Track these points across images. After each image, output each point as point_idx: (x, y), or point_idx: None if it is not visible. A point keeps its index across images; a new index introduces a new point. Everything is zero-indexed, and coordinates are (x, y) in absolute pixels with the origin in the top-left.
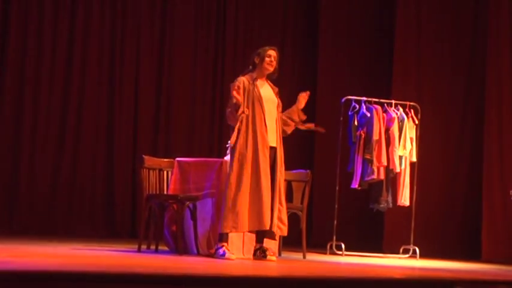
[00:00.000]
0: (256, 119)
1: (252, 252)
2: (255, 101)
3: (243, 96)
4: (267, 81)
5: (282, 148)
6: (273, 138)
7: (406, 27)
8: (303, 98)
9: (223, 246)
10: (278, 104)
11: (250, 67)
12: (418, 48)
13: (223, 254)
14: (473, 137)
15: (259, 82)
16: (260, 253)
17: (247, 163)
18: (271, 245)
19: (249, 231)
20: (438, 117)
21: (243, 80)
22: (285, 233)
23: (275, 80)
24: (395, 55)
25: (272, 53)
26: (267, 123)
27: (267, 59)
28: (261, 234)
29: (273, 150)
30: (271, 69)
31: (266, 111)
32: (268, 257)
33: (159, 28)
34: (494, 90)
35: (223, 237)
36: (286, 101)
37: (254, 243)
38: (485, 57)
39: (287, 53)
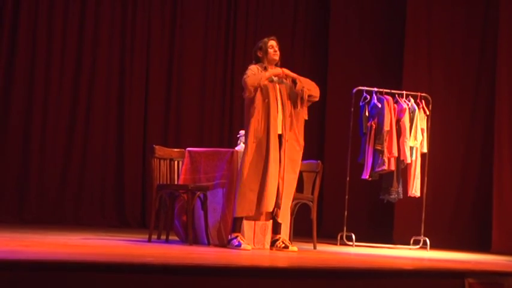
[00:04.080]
0: (270, 106)
1: (269, 242)
2: (269, 88)
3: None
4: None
5: (294, 136)
6: (280, 126)
7: (417, 17)
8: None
9: (237, 236)
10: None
11: (254, 61)
12: (429, 39)
13: (239, 245)
14: (484, 128)
15: (270, 70)
16: (281, 244)
17: (262, 149)
18: (282, 236)
19: (254, 216)
20: (449, 108)
21: (255, 68)
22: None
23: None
24: (406, 46)
25: (273, 43)
26: (278, 111)
27: (270, 50)
28: (277, 224)
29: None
30: (277, 58)
31: (278, 98)
32: (290, 247)
33: (169, 18)
34: (504, 81)
35: (236, 227)
36: None
37: (270, 234)
38: (496, 47)
39: (298, 43)
